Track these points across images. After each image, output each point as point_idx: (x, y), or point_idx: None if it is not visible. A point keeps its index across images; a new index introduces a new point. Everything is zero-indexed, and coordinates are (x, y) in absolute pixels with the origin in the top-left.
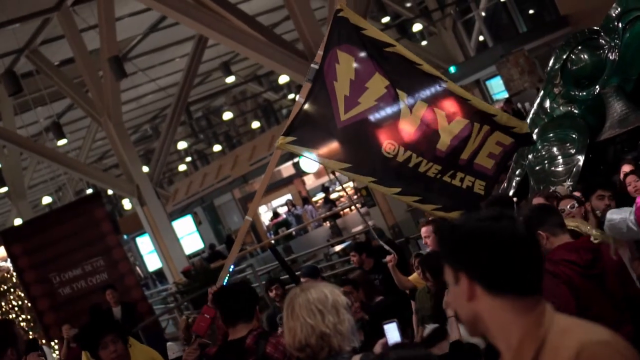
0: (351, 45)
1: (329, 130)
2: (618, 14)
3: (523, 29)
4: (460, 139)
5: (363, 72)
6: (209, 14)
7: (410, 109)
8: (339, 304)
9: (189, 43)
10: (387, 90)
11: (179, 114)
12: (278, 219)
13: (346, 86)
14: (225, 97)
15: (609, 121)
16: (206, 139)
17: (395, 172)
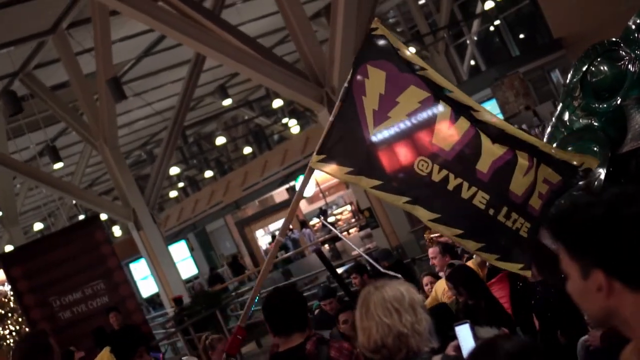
0: (385, 60)
1: (357, 146)
2: (638, 24)
3: (516, 52)
4: (504, 159)
5: (395, 86)
6: (209, 34)
7: (452, 121)
8: (416, 302)
9: (182, 68)
10: (421, 105)
11: (175, 137)
12: None
13: (375, 101)
14: (216, 123)
15: (630, 133)
16: (197, 165)
17: (432, 194)
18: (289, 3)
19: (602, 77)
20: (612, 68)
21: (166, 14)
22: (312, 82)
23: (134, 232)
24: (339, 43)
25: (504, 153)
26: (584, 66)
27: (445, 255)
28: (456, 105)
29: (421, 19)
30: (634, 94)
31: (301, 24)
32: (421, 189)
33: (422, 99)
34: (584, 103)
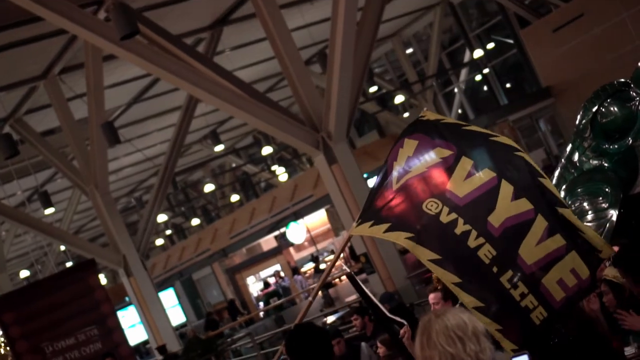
0: (420, 133)
1: (385, 204)
2: None
3: (504, 101)
4: (519, 220)
5: (423, 148)
6: (206, 78)
7: (470, 173)
8: (479, 330)
9: (171, 114)
10: (443, 160)
11: (166, 183)
12: (269, 289)
13: (402, 161)
14: (203, 171)
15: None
16: (184, 213)
17: (437, 234)
18: (285, 47)
19: (613, 118)
20: (623, 109)
21: (162, 57)
22: (308, 127)
23: (124, 278)
24: (336, 87)
25: (524, 212)
26: (593, 107)
27: (447, 301)
28: (491, 155)
29: (409, 68)
30: None
31: (297, 68)
32: (426, 228)
33: (446, 155)
34: (594, 144)
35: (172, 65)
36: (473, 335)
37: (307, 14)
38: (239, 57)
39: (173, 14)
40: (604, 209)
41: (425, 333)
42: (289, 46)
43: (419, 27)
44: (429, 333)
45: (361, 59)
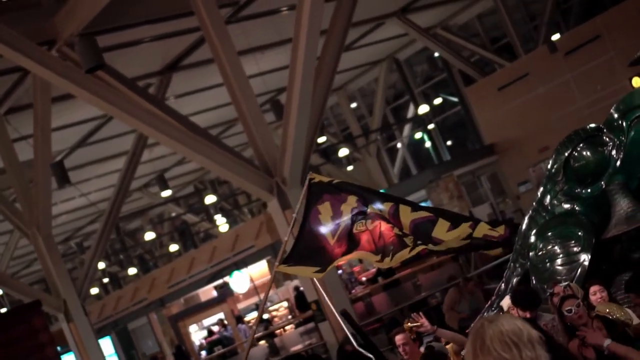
0: (325, 194)
1: (318, 255)
2: (622, 111)
3: (447, 157)
4: (423, 219)
5: (337, 202)
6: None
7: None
8: (533, 337)
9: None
10: (357, 204)
11: (109, 229)
12: (212, 337)
13: (330, 222)
14: (141, 220)
15: (614, 218)
16: (119, 262)
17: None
18: (242, 92)
19: (585, 163)
20: (595, 154)
21: (118, 97)
22: (262, 172)
23: (63, 324)
24: (292, 133)
25: (426, 216)
26: (566, 151)
27: (416, 342)
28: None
29: (354, 121)
30: (618, 179)
31: (253, 113)
32: None
33: (355, 201)
34: (567, 188)
35: (127, 106)
36: (528, 342)
37: (261, 62)
38: (183, 104)
39: (124, 58)
40: (575, 252)
41: (479, 338)
42: (246, 91)
43: (364, 81)
44: (482, 338)
45: (317, 105)
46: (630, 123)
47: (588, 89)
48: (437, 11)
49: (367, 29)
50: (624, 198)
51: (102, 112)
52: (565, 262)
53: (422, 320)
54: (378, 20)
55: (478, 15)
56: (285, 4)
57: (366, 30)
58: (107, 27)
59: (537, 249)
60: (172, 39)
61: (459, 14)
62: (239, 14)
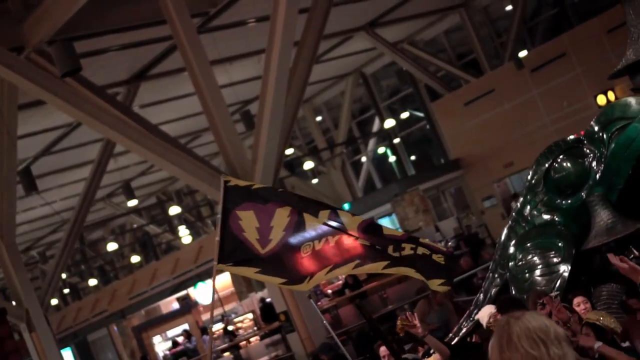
0: (247, 202)
1: (255, 260)
2: (603, 123)
3: (411, 171)
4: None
5: (265, 216)
6: (135, 130)
7: (317, 215)
8: (560, 335)
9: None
10: (291, 217)
11: (73, 238)
12: (177, 349)
13: (255, 233)
14: (103, 230)
15: (594, 230)
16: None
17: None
18: (213, 101)
19: (566, 174)
20: (576, 165)
21: (88, 104)
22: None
23: (25, 334)
24: (264, 142)
25: None
26: (546, 162)
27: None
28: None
29: (319, 135)
30: (598, 190)
31: (224, 122)
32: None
33: (289, 212)
34: (547, 199)
35: (97, 113)
36: (555, 339)
37: (232, 72)
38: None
39: (91, 66)
40: (555, 263)
41: (505, 335)
42: (217, 101)
43: (331, 95)
44: (509, 335)
45: (288, 116)
46: (611, 135)
47: (554, 105)
48: (404, 26)
49: (335, 43)
50: (604, 209)
51: (68, 121)
52: (544, 272)
53: (415, 322)
54: (347, 33)
55: (445, 31)
56: (253, 16)
57: (334, 44)
58: (75, 35)
59: (516, 260)
60: (139, 48)
61: (426, 29)
62: (208, 25)
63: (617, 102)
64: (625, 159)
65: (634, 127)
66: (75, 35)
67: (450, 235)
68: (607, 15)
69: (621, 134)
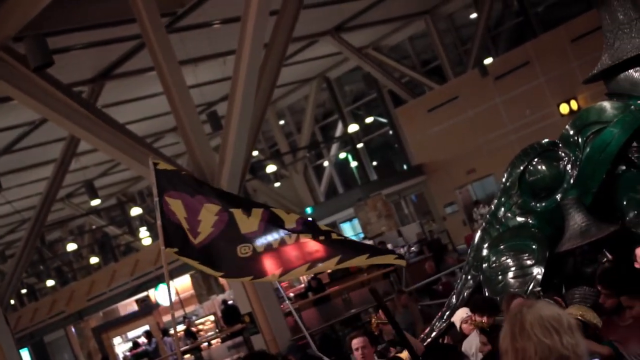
0: (174, 190)
1: (192, 248)
2: (578, 127)
3: (373, 177)
4: None
5: (192, 208)
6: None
7: (248, 216)
8: (572, 324)
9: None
10: (219, 216)
11: (34, 238)
12: (138, 350)
13: (185, 222)
14: (61, 231)
15: (568, 232)
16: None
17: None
18: (182, 101)
19: (541, 176)
20: (550, 168)
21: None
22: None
23: None
24: (232, 143)
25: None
26: (521, 164)
27: (373, 346)
28: (246, 204)
29: (282, 138)
30: (572, 194)
31: (192, 122)
32: (251, 264)
33: (217, 211)
34: (521, 201)
35: (64, 109)
36: (568, 328)
37: (198, 73)
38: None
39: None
40: (529, 265)
41: (518, 323)
42: (185, 101)
43: (294, 99)
44: (521, 323)
45: (256, 118)
46: (586, 139)
47: (517, 113)
48: (370, 31)
49: (300, 46)
50: (579, 213)
51: (29, 119)
52: (518, 274)
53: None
54: (312, 37)
55: (410, 38)
56: (219, 18)
57: (299, 48)
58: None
59: (490, 262)
60: (104, 47)
61: (391, 35)
62: (175, 25)
63: (592, 107)
64: (600, 162)
65: (609, 131)
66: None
67: (413, 240)
68: (571, 25)
69: (596, 138)
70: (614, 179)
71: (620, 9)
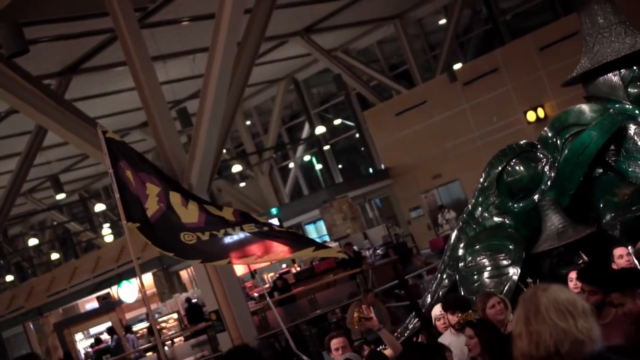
0: (125, 160)
1: (150, 226)
2: (557, 129)
3: (339, 179)
4: None
5: (140, 182)
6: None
7: (186, 205)
8: (587, 309)
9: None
10: (159, 197)
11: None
12: (100, 346)
13: (135, 189)
14: (22, 226)
15: (545, 233)
16: None
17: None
18: (153, 97)
19: (519, 177)
20: (529, 169)
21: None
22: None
23: None
24: (202, 141)
25: None
26: (500, 165)
27: (351, 346)
28: (183, 191)
29: (248, 138)
30: (550, 195)
31: (164, 118)
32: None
33: (157, 193)
34: (499, 201)
35: (34, 101)
36: (583, 313)
37: (170, 70)
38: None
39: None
40: (505, 266)
41: (532, 306)
42: (157, 96)
43: (262, 99)
44: (536, 306)
45: (228, 116)
46: (565, 141)
47: (483, 119)
48: (339, 34)
49: (269, 47)
50: (556, 214)
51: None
52: (494, 274)
53: (371, 315)
54: (282, 38)
55: (378, 42)
56: (188, 15)
57: (268, 48)
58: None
59: (466, 261)
60: (73, 40)
61: (360, 38)
62: (146, 21)
63: (571, 109)
64: (578, 164)
65: (588, 134)
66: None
67: (379, 243)
68: (540, 34)
69: (575, 140)
70: (591, 182)
71: (600, 13)
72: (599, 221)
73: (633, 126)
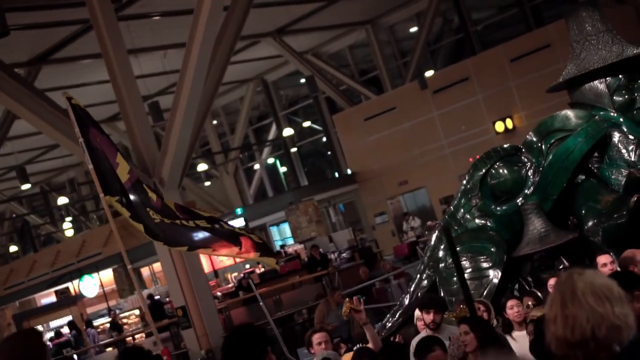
0: (93, 127)
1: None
2: (542, 134)
3: (304, 182)
4: None
5: (109, 150)
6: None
7: None
8: (622, 294)
9: None
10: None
11: None
12: (61, 339)
13: (106, 158)
14: None
15: (527, 237)
16: None
17: (168, 232)
18: (128, 90)
19: (502, 180)
20: (512, 172)
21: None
22: (139, 171)
23: None
24: (176, 136)
25: None
26: (484, 167)
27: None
28: None
29: (214, 138)
30: (533, 199)
31: (137, 112)
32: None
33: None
34: (482, 203)
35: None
36: (619, 298)
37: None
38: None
39: None
40: (485, 268)
41: (569, 289)
42: (132, 89)
43: (230, 99)
44: (573, 289)
45: (201, 112)
46: (550, 146)
47: (452, 128)
48: (311, 36)
49: (240, 47)
50: (538, 218)
51: None
52: (474, 277)
53: (361, 307)
54: (254, 38)
55: (350, 46)
56: (160, 10)
57: (239, 48)
58: None
59: (446, 262)
60: (43, 30)
61: (332, 42)
62: (119, 13)
63: (557, 114)
64: (562, 169)
65: (573, 139)
66: None
67: (344, 246)
68: (512, 45)
69: (560, 145)
70: (574, 188)
71: (588, 21)
72: (581, 227)
73: (617, 134)
